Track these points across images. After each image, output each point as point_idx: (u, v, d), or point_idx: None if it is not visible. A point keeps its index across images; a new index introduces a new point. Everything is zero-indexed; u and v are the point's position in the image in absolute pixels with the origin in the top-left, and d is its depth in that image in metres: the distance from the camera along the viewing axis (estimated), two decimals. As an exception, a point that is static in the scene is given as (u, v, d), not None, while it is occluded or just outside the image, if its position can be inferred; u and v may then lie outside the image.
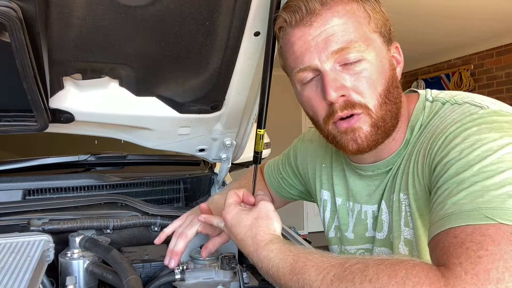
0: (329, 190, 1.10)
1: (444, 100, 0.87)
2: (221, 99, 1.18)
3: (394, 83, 0.86)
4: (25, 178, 1.35)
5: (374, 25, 0.83)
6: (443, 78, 6.22)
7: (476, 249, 0.59)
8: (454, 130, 0.76)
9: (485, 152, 0.68)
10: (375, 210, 0.98)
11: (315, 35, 0.81)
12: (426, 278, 0.59)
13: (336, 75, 0.81)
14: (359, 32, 0.81)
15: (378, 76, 0.83)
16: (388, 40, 0.87)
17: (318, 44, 0.81)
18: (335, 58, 0.81)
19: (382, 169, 0.94)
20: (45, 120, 0.99)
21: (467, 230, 0.62)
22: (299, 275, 0.71)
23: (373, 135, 0.84)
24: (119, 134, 1.30)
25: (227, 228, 0.90)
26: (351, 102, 0.82)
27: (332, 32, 0.80)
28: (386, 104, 0.84)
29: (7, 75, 0.86)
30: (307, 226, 7.10)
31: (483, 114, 0.75)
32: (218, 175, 1.56)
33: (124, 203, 1.34)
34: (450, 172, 0.71)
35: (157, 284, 1.00)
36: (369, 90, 0.82)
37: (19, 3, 0.70)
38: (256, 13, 0.93)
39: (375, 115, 0.83)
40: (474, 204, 0.64)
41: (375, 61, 0.82)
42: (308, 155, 1.18)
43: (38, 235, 1.02)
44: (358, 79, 0.81)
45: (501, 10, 4.16)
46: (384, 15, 0.86)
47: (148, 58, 1.00)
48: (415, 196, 0.85)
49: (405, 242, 0.89)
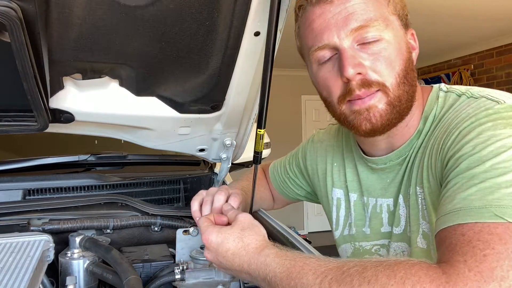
0: (342, 188, 1.10)
1: (460, 92, 0.86)
2: (221, 99, 1.18)
3: (411, 65, 0.86)
4: (25, 178, 1.35)
5: (393, 7, 0.84)
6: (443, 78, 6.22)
7: (482, 247, 0.59)
8: (469, 125, 0.75)
9: (499, 148, 0.67)
10: (391, 204, 0.97)
11: (335, 13, 0.81)
12: (426, 276, 0.59)
13: (354, 53, 0.81)
14: (378, 12, 0.82)
15: (397, 56, 0.83)
16: (405, 25, 0.87)
17: (337, 21, 0.81)
18: (354, 36, 0.81)
19: (394, 161, 0.94)
20: (45, 120, 0.99)
21: (475, 228, 0.62)
22: (297, 280, 0.70)
23: (388, 114, 0.84)
24: (119, 134, 1.30)
25: (212, 250, 0.83)
26: (368, 81, 0.82)
27: (352, 10, 0.80)
28: (404, 84, 0.84)
29: (7, 75, 0.86)
30: (307, 226, 7.11)
31: (499, 109, 0.74)
32: (218, 175, 1.56)
33: (124, 203, 1.34)
34: (462, 166, 0.70)
35: (157, 284, 1.00)
36: (387, 69, 0.82)
37: (19, 3, 0.70)
38: (256, 13, 0.93)
39: (392, 93, 0.83)
40: (484, 201, 0.64)
41: (393, 41, 0.83)
42: (318, 156, 1.18)
43: (38, 235, 1.02)
44: (376, 58, 0.82)
45: (501, 10, 4.16)
46: (403, 0, 0.87)
47: (148, 58, 1.00)
48: (429, 190, 0.84)
49: (423, 236, 0.88)
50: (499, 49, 5.42)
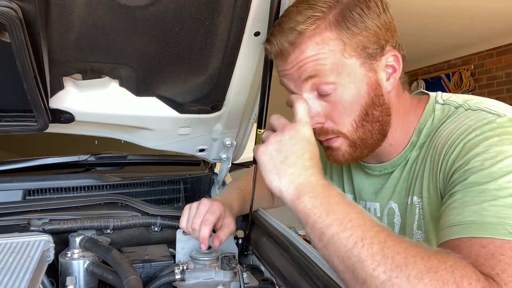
0: (340, 187, 1.11)
1: (457, 104, 0.87)
2: (221, 99, 1.18)
3: (376, 103, 0.85)
4: (25, 178, 1.35)
5: (351, 49, 0.81)
6: (443, 78, 6.22)
7: (509, 262, 0.61)
8: (474, 137, 0.75)
9: (508, 166, 0.69)
10: (377, 208, 1.00)
11: (289, 68, 0.86)
12: (473, 274, 0.59)
13: (312, 103, 0.85)
14: (330, 60, 0.81)
15: (352, 103, 0.84)
16: (374, 56, 0.83)
17: (293, 75, 0.86)
18: (308, 85, 0.84)
19: (389, 169, 0.97)
20: (45, 120, 0.99)
21: (495, 242, 0.63)
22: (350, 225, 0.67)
23: (351, 153, 0.89)
24: (119, 134, 1.30)
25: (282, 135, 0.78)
26: (325, 130, 0.88)
27: (302, 64, 0.83)
28: (364, 127, 0.86)
29: (7, 75, 0.86)
30: (307, 226, 7.10)
31: (502, 123, 0.75)
32: (218, 175, 1.56)
33: (124, 203, 1.34)
34: (470, 180, 0.71)
35: (157, 284, 1.00)
36: (342, 117, 0.85)
37: (19, 3, 0.70)
38: (256, 13, 0.93)
39: (351, 137, 0.87)
40: (497, 218, 0.65)
41: (349, 87, 0.83)
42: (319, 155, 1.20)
43: (38, 235, 1.02)
44: (330, 107, 0.85)
45: (501, 10, 4.16)
46: (371, 31, 0.81)
47: (148, 58, 1.00)
48: (428, 200, 0.86)
49: None
50: (499, 49, 5.42)
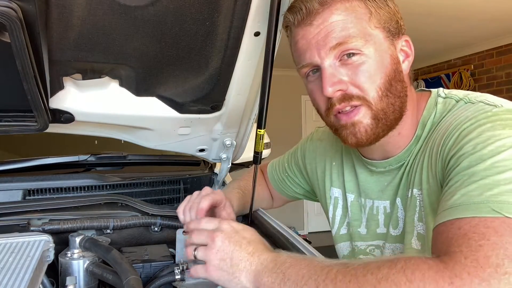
0: (340, 187, 1.11)
1: (458, 97, 0.88)
2: (221, 99, 1.18)
3: (397, 77, 0.87)
4: (25, 178, 1.35)
5: (376, 20, 0.84)
6: (443, 78, 6.21)
7: (478, 239, 0.61)
8: (468, 126, 0.77)
9: (498, 147, 0.69)
10: (387, 206, 0.99)
11: (315, 33, 0.84)
12: (424, 264, 0.61)
13: (334, 70, 0.84)
14: (357, 28, 0.83)
15: (377, 70, 0.84)
16: (394, 34, 0.87)
17: (318, 41, 0.84)
18: (334, 53, 0.84)
19: (394, 165, 0.96)
20: (45, 120, 0.99)
21: (472, 222, 0.64)
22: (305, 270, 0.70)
23: (373, 128, 0.86)
24: (119, 134, 1.30)
25: (228, 233, 0.81)
26: (349, 95, 0.85)
27: (330, 29, 0.83)
28: (388, 97, 0.85)
29: (7, 75, 0.86)
30: (307, 226, 7.10)
31: (497, 112, 0.76)
32: (218, 175, 1.56)
33: (124, 203, 1.34)
34: (463, 165, 0.72)
35: (157, 284, 1.00)
36: (367, 83, 0.84)
37: (19, 3, 0.70)
38: (256, 13, 0.93)
39: (375, 107, 0.85)
40: (483, 197, 0.65)
41: (374, 55, 0.84)
42: (318, 154, 1.19)
43: (38, 235, 1.02)
44: (355, 72, 0.84)
45: (501, 10, 4.16)
46: (391, 9, 0.87)
47: (148, 58, 1.00)
48: (428, 191, 0.86)
49: (418, 237, 0.89)
50: (499, 49, 5.41)
